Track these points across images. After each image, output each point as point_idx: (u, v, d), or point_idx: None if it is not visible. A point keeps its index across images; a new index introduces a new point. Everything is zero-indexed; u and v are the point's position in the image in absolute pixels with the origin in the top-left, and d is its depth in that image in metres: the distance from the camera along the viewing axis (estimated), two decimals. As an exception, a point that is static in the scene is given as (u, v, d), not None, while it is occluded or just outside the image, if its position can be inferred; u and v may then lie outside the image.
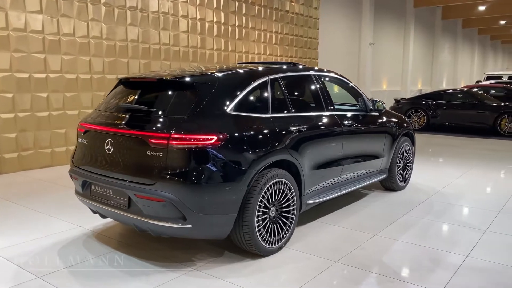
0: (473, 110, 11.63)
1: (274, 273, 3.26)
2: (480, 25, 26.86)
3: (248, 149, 3.28)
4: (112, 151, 3.31)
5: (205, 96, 3.26)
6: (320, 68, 4.66)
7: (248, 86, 3.54)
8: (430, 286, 3.04)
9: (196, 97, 3.26)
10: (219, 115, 3.26)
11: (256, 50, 10.98)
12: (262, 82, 3.67)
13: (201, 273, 3.24)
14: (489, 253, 3.62)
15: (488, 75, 19.23)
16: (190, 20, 9.19)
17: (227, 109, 3.31)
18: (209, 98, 3.26)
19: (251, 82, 3.59)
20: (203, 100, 3.24)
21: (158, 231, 3.18)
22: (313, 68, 4.59)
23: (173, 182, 3.00)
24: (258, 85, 3.64)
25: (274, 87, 3.78)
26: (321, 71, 4.57)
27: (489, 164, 7.53)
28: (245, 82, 3.56)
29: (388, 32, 18.25)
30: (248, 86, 3.54)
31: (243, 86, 3.51)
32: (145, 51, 8.36)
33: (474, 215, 4.66)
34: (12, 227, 4.20)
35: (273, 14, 11.43)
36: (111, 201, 3.33)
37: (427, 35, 22.18)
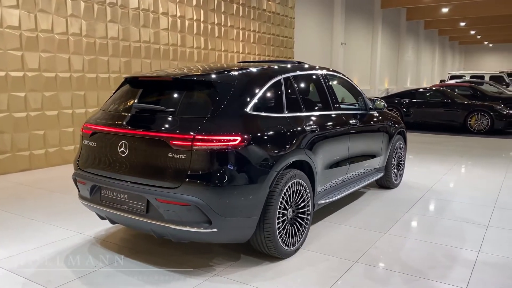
0: (445, 109, 12.03)
1: (297, 276, 3.20)
2: (441, 26, 27.88)
3: (270, 150, 3.21)
4: (126, 153, 3.14)
5: (225, 96, 3.16)
6: (323, 67, 4.64)
7: (264, 85, 3.46)
8: (454, 283, 3.08)
9: (216, 96, 3.15)
10: (240, 115, 3.16)
11: (235, 48, 10.88)
12: (276, 81, 3.61)
13: (224, 278, 3.13)
14: (499, 249, 3.71)
15: (452, 74, 19.95)
16: (170, 18, 8.98)
17: (247, 109, 3.22)
18: (229, 98, 3.16)
19: (267, 81, 3.51)
20: (224, 100, 3.14)
21: (180, 236, 3.05)
22: (319, 67, 4.56)
23: (198, 185, 2.88)
24: (273, 84, 3.56)
25: (288, 86, 3.72)
26: (326, 70, 4.55)
27: (469, 161, 7.79)
28: (262, 81, 3.49)
29: (358, 33, 18.59)
30: (265, 85, 3.46)
31: (260, 85, 3.43)
32: (125, 49, 8.08)
33: (472, 211, 4.78)
34: (6, 236, 3.93)
35: (251, 12, 11.36)
36: (125, 206, 3.16)
37: (393, 36, 22.77)
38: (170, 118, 3.13)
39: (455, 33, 31.64)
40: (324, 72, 4.44)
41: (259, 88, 3.40)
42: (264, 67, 3.83)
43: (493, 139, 10.68)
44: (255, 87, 3.38)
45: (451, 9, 20.82)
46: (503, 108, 11.75)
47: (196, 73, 3.42)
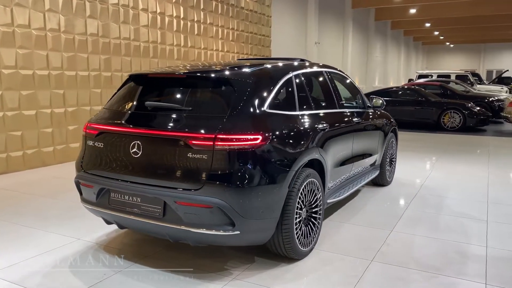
0: (419, 107, 12.33)
1: (318, 277, 3.14)
2: (406, 27, 28.64)
3: (288, 149, 3.14)
4: (140, 154, 2.98)
5: (243, 93, 3.05)
6: (325, 64, 4.60)
7: (278, 82, 3.38)
8: (473, 279, 3.10)
9: (234, 94, 3.04)
10: (259, 114, 3.06)
11: (214, 46, 10.72)
12: (288, 78, 3.53)
13: (243, 282, 3.03)
14: (505, 243, 3.79)
15: (420, 73, 20.50)
16: (150, 14, 8.73)
17: (264, 107, 3.12)
18: (247, 96, 3.05)
19: (280, 78, 3.43)
20: (242, 98, 3.03)
21: (200, 239, 2.92)
22: (323, 64, 4.52)
23: (221, 186, 2.76)
24: (286, 81, 3.48)
25: (298, 83, 3.65)
26: (329, 67, 4.52)
27: (450, 157, 7.98)
28: (276, 78, 3.40)
29: (331, 32, 18.79)
30: (278, 82, 3.38)
31: (274, 82, 3.34)
32: (105, 46, 7.78)
33: (468, 206, 4.88)
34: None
35: (230, 10, 11.23)
36: (138, 209, 3.00)
37: (362, 36, 23.18)
38: (188, 117, 2.99)
39: (419, 33, 32.60)
40: (328, 69, 4.41)
41: (274, 85, 3.32)
42: (276, 64, 3.74)
43: (466, 136, 11.03)
44: (271, 84, 3.29)
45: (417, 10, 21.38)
46: (474, 106, 12.17)
47: (209, 70, 3.29)
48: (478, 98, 13.82)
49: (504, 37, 35.10)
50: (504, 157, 8.10)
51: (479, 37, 35.07)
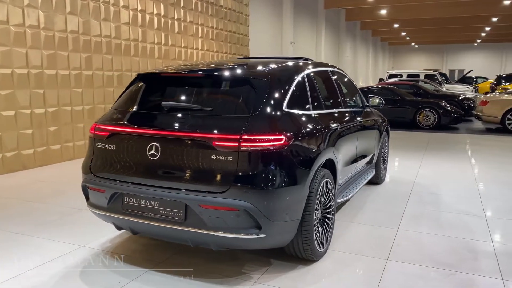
0: (395, 106, 12.57)
1: (339, 278, 3.11)
2: (375, 28, 29.26)
3: (308, 149, 3.09)
4: (158, 156, 2.85)
5: (263, 93, 2.98)
6: (328, 63, 4.58)
7: (293, 81, 3.32)
8: (490, 275, 3.15)
9: (255, 94, 2.96)
10: (280, 113, 2.99)
11: (194, 45, 10.54)
12: (302, 78, 3.47)
13: (267, 285, 2.96)
14: (508, 238, 3.89)
15: (390, 73, 20.96)
16: (131, 11, 8.48)
17: (283, 107, 3.06)
18: (267, 95, 2.98)
19: (295, 77, 3.37)
20: (262, 97, 2.95)
21: (224, 243, 2.82)
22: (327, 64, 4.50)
23: (248, 189, 2.68)
24: (300, 80, 3.43)
25: (310, 82, 3.60)
26: (333, 67, 4.50)
27: (433, 155, 8.17)
28: (291, 77, 3.34)
29: (305, 32, 18.92)
30: (293, 82, 3.32)
31: (290, 82, 3.28)
32: (86, 44, 7.49)
33: (463, 203, 4.98)
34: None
35: (209, 8, 11.08)
36: (157, 214, 2.87)
37: (334, 36, 23.47)
38: (209, 118, 2.88)
39: (386, 34, 33.37)
40: (332, 68, 4.39)
41: (290, 84, 3.26)
42: (288, 62, 3.68)
43: (441, 134, 11.34)
44: (288, 83, 3.23)
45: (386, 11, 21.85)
46: (447, 105, 12.54)
47: (226, 69, 3.19)
48: (448, 97, 14.25)
49: (465, 38, 36.52)
50: (482, 153, 8.36)
51: (442, 38, 36.31)
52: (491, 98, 12.16)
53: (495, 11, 21.19)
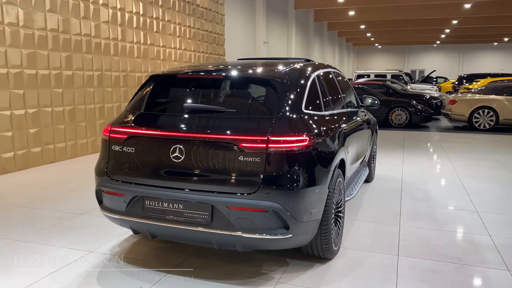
0: (369, 105, 12.88)
1: (358, 275, 3.18)
2: (341, 28, 29.85)
3: (327, 149, 3.15)
4: (182, 159, 2.82)
5: (284, 94, 3.00)
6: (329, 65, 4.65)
7: (307, 82, 3.36)
8: (496, 267, 3.31)
9: (276, 95, 2.98)
10: (301, 114, 3.03)
11: (172, 44, 10.41)
12: (313, 79, 3.52)
13: (290, 285, 2.99)
14: (503, 231, 4.09)
15: (358, 73, 21.45)
16: (111, 10, 8.28)
17: (302, 107, 3.10)
18: (288, 96, 3.01)
19: (309, 78, 3.41)
20: (284, 98, 2.98)
21: (251, 244, 2.83)
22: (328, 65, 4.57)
23: (277, 190, 2.70)
24: (313, 81, 3.47)
25: (320, 83, 3.66)
26: (334, 68, 4.58)
27: (411, 152, 8.45)
28: (306, 78, 3.37)
29: (276, 32, 19.05)
30: (307, 83, 3.36)
31: (306, 83, 3.32)
32: (66, 43, 7.25)
33: (453, 199, 5.20)
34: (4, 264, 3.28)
35: (186, 7, 10.97)
36: (181, 217, 2.83)
37: (303, 36, 23.76)
38: (234, 119, 2.88)
39: (352, 35, 34.12)
40: (333, 69, 4.47)
41: (306, 85, 3.30)
42: (301, 63, 3.72)
43: (414, 132, 11.75)
44: (304, 85, 3.27)
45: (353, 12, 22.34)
46: (418, 104, 12.98)
47: (245, 70, 3.19)
48: (417, 97, 14.74)
49: (426, 40, 37.90)
50: (456, 150, 8.71)
51: (405, 39, 37.52)
52: (459, 97, 12.69)
53: (456, 14, 22.12)
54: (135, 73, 9.07)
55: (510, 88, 12.25)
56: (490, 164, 7.29)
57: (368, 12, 22.78)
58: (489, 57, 41.83)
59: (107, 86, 8.25)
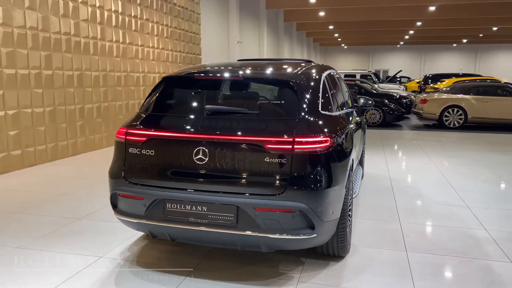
0: (344, 104, 13.14)
1: (373, 271, 3.25)
2: (309, 29, 30.23)
3: (344, 149, 3.21)
4: (206, 161, 2.79)
5: (303, 96, 3.03)
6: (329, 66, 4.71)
7: (320, 84, 3.40)
8: (500, 259, 3.47)
9: (296, 96, 3.01)
10: (319, 115, 3.06)
11: (150, 43, 10.23)
12: (323, 80, 3.57)
13: (312, 284, 3.02)
14: (497, 225, 4.28)
15: (329, 73, 21.72)
16: (90, 8, 8.04)
17: (319, 108, 3.14)
18: (307, 98, 3.04)
19: (320, 79, 3.45)
20: (304, 100, 3.01)
21: (277, 245, 2.84)
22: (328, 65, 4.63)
23: (303, 190, 2.72)
24: (324, 82, 3.52)
25: (329, 84, 3.71)
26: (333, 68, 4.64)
27: (392, 151, 8.69)
28: (318, 79, 3.41)
29: (249, 32, 19.07)
30: (320, 84, 3.40)
31: (319, 84, 3.35)
32: (46, 41, 7.00)
33: (443, 195, 5.39)
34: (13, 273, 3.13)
35: (163, 6, 10.81)
36: (205, 219, 2.81)
37: (274, 36, 23.90)
38: (258, 121, 2.88)
39: (319, 35, 34.62)
40: (333, 70, 4.53)
41: (319, 87, 3.34)
42: (310, 64, 3.76)
43: (388, 130, 12.08)
44: (319, 86, 3.31)
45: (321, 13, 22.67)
46: (391, 103, 13.35)
47: (264, 71, 3.20)
48: (388, 96, 15.14)
49: (390, 41, 38.98)
50: (432, 147, 9.02)
51: (370, 40, 38.46)
52: (430, 97, 13.14)
53: (420, 15, 22.87)
54: (115, 73, 8.86)
55: (477, 88, 12.82)
56: (468, 161, 7.60)
57: (337, 13, 23.18)
58: (449, 57, 43.54)
59: (87, 86, 8.02)
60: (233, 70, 3.22)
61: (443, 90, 14.10)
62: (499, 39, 36.36)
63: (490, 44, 40.76)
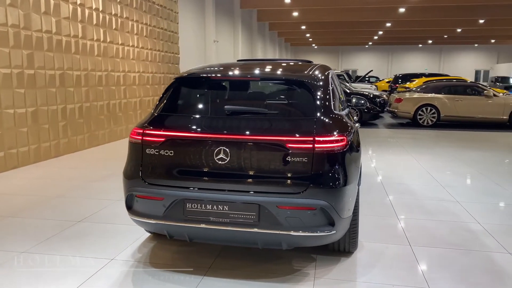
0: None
1: (384, 265, 3.35)
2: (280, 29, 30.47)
3: (356, 148, 3.30)
4: (228, 160, 2.81)
5: (319, 96, 3.10)
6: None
7: (329, 83, 3.47)
8: (498, 251, 3.66)
9: (312, 96, 3.07)
10: (333, 115, 3.14)
11: (130, 42, 10.06)
12: (330, 80, 3.64)
13: (328, 279, 3.09)
14: (489, 218, 4.50)
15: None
16: (71, 5, 7.85)
17: (332, 108, 3.21)
18: (323, 98, 3.11)
19: (328, 80, 3.53)
20: (320, 100, 3.08)
21: (297, 242, 2.90)
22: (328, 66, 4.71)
23: (325, 188, 2.79)
24: (331, 82, 3.60)
25: (333, 84, 3.79)
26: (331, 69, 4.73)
27: (375, 149, 8.91)
28: (328, 79, 3.48)
29: (225, 31, 19.04)
30: (329, 84, 3.48)
31: (328, 84, 3.43)
32: (27, 40, 6.78)
33: (431, 191, 5.59)
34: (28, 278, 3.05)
35: (143, 4, 10.66)
36: (227, 218, 2.83)
37: (248, 36, 23.95)
38: (278, 120, 2.92)
39: (290, 35, 34.93)
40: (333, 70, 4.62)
41: (330, 86, 3.41)
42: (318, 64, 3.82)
43: (366, 129, 12.36)
44: (329, 86, 3.38)
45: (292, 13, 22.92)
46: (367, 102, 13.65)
47: (281, 72, 3.24)
48: (362, 95, 15.50)
49: (359, 41, 39.78)
50: (411, 145, 9.31)
51: (340, 40, 39.11)
52: (404, 96, 13.53)
53: (389, 17, 23.48)
54: (96, 72, 8.67)
55: (448, 87, 13.31)
56: (447, 157, 7.90)
57: (310, 13, 23.46)
58: (415, 57, 44.86)
59: (69, 86, 7.82)
60: (248, 71, 3.24)
61: (416, 89, 14.54)
62: (462, 40, 37.83)
63: (454, 45, 42.31)
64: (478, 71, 43.71)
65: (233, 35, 20.52)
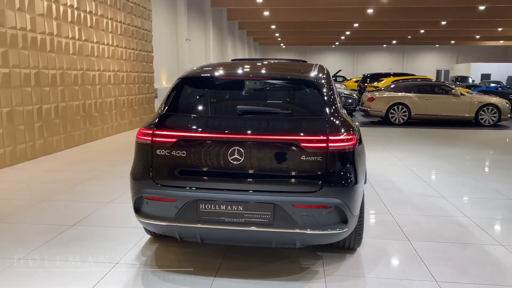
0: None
1: (389, 260, 3.44)
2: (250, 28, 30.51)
3: (362, 147, 3.35)
4: (242, 160, 2.80)
5: (327, 95, 3.13)
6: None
7: (332, 83, 3.52)
8: (494, 243, 3.81)
9: (321, 96, 3.10)
10: (341, 114, 3.18)
11: (105, 40, 9.81)
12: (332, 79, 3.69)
13: (338, 277, 3.13)
14: (477, 212, 4.67)
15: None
16: (46, 2, 7.57)
17: (339, 108, 3.25)
18: (331, 97, 3.14)
19: (331, 79, 3.57)
20: (329, 99, 3.11)
21: (312, 240, 2.93)
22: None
23: (339, 186, 2.82)
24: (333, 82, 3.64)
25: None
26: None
27: (352, 147, 9.07)
28: (331, 79, 3.53)
29: (196, 30, 18.87)
30: (332, 84, 3.52)
31: (332, 84, 3.47)
32: (2, 37, 6.50)
33: (418, 187, 5.75)
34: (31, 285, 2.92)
35: (117, 2, 10.41)
36: (242, 218, 2.81)
37: (218, 34, 23.84)
38: (290, 120, 2.93)
39: (259, 34, 35.02)
40: (326, 70, 4.68)
41: (334, 86, 3.46)
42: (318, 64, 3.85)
43: (340, 128, 12.55)
44: (333, 86, 3.42)
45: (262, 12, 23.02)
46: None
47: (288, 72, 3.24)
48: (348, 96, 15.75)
49: (326, 41, 40.40)
50: (387, 143, 9.54)
51: (307, 40, 39.59)
52: (376, 95, 13.85)
53: (357, 17, 23.98)
54: (71, 71, 8.40)
55: (418, 87, 13.73)
56: (424, 154, 8.16)
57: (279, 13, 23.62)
58: (379, 57, 46.04)
59: (44, 85, 7.54)
60: (256, 70, 3.24)
61: (387, 88, 14.91)
62: (425, 40, 39.14)
63: (416, 45, 43.69)
64: (439, 71, 45.33)
65: (205, 34, 20.38)
